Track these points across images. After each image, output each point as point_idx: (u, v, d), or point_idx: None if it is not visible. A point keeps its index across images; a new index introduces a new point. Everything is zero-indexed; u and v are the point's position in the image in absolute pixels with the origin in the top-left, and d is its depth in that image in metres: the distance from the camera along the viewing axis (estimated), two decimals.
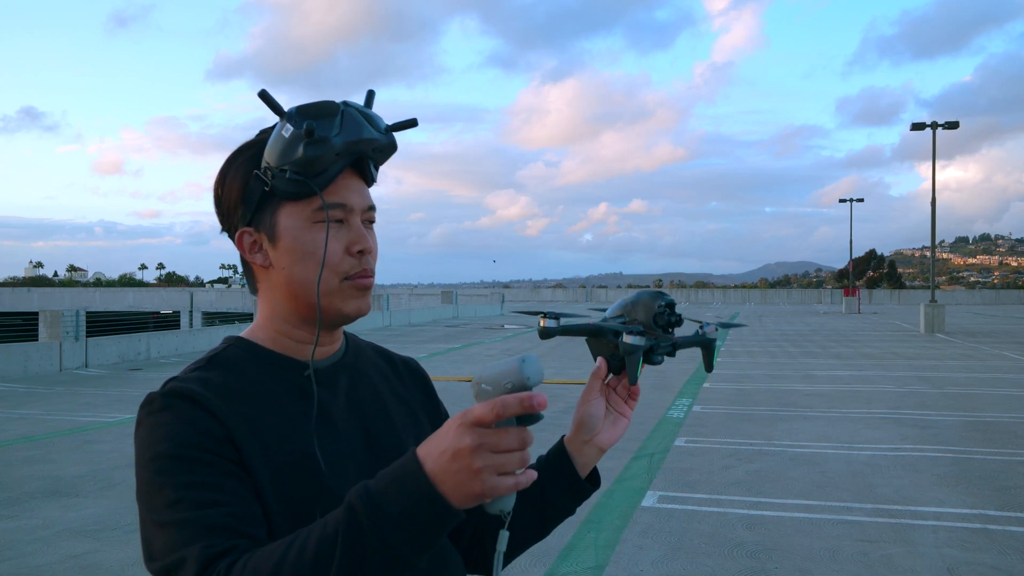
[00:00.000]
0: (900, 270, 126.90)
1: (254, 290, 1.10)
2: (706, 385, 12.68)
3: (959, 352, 18.30)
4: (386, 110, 1.10)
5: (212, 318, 43.66)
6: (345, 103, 1.02)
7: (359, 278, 1.05)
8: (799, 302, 67.66)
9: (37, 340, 17.05)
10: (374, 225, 1.09)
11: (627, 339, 1.14)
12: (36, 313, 18.99)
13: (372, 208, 1.08)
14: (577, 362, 16.01)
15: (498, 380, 0.81)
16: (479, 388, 0.82)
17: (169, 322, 45.69)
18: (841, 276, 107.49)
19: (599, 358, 1.20)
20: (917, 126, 27.25)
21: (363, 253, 1.05)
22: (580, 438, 1.18)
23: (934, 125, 27.04)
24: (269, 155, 1.01)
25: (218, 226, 1.11)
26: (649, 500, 6.03)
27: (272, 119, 1.05)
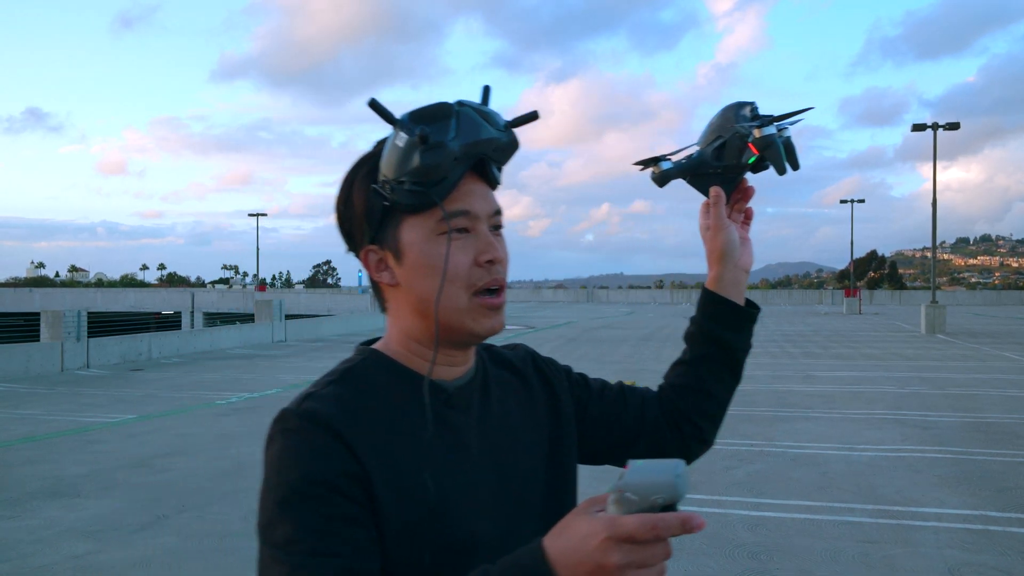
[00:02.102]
0: (901, 271, 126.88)
1: (383, 308, 1.04)
2: None
3: (960, 353, 18.30)
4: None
5: (213, 318, 43.69)
6: (460, 103, 0.95)
7: (488, 296, 0.99)
8: (800, 303, 67.58)
9: (39, 340, 17.09)
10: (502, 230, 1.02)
11: (758, 133, 1.10)
12: (38, 313, 19.02)
13: (498, 212, 1.01)
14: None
15: (647, 493, 0.73)
16: (622, 496, 0.73)
17: (170, 322, 45.76)
18: (842, 277, 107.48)
19: (712, 188, 1.19)
20: (918, 127, 27.27)
21: (492, 263, 0.98)
22: (727, 267, 1.19)
23: (935, 126, 27.06)
24: (385, 167, 0.95)
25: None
26: None
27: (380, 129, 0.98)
